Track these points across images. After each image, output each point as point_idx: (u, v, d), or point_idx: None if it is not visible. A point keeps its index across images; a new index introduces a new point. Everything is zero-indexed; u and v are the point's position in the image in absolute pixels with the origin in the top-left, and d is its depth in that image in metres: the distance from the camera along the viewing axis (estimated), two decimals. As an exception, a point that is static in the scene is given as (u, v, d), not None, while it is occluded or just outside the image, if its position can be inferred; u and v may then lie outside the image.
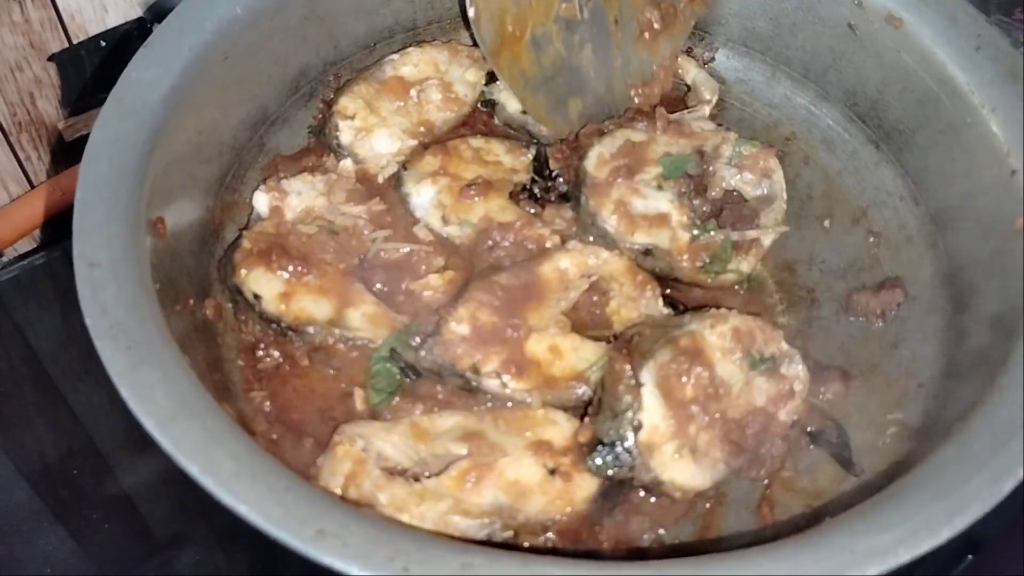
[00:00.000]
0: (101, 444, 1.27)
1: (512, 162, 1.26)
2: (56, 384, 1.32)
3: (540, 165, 1.25)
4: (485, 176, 1.22)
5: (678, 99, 1.38)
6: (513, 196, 1.21)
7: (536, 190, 1.24)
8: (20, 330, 1.38)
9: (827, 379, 1.12)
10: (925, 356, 1.14)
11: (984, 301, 1.10)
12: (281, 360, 1.10)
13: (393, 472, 0.97)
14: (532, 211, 1.20)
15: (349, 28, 1.33)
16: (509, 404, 1.05)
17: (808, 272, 1.25)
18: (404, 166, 1.25)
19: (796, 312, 1.21)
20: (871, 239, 1.26)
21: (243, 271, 1.11)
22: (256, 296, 1.10)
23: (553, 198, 1.24)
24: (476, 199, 1.19)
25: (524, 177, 1.24)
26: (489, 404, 1.06)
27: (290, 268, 1.10)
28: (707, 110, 1.34)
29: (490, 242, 1.16)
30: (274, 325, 1.10)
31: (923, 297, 1.19)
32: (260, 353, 1.10)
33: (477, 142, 1.27)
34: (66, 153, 1.54)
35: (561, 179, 1.25)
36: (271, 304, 1.09)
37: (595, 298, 1.14)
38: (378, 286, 1.13)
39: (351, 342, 1.10)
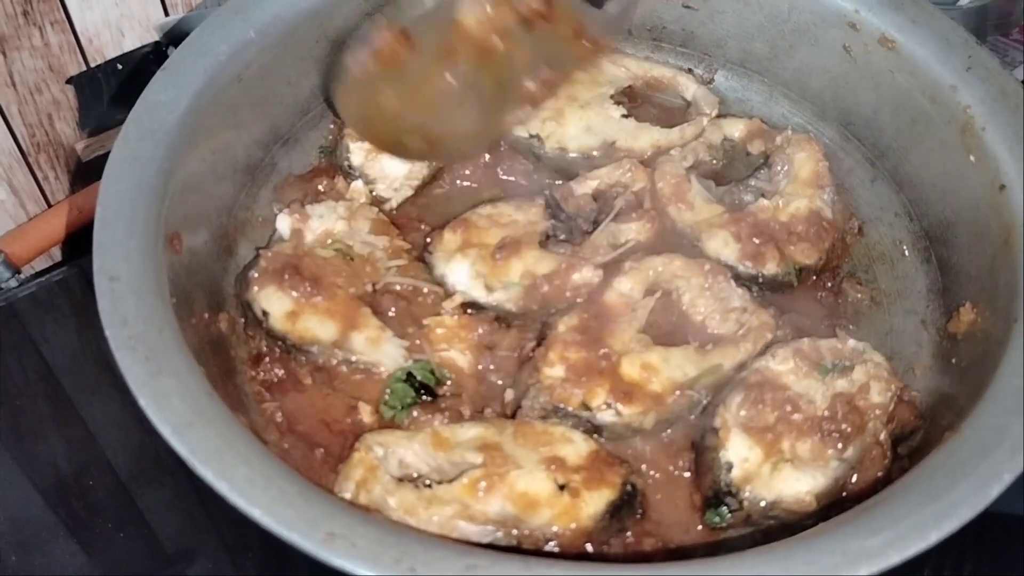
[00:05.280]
0: (114, 457, 1.27)
1: (525, 217, 1.22)
2: (71, 398, 1.33)
3: (554, 209, 1.23)
4: (510, 235, 1.19)
5: (678, 113, 1.39)
6: (543, 245, 1.19)
7: (560, 233, 1.21)
8: (36, 345, 1.38)
9: None
10: (919, 367, 1.16)
11: (975, 313, 1.12)
12: (284, 377, 1.11)
13: (407, 479, 0.99)
14: (566, 252, 1.18)
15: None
16: (629, 436, 1.06)
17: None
18: (427, 250, 1.21)
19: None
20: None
21: (255, 288, 1.12)
22: (264, 312, 1.11)
23: (579, 235, 1.21)
24: (510, 259, 1.16)
25: (545, 225, 1.22)
26: (605, 437, 1.05)
27: (300, 288, 1.11)
28: (705, 121, 1.35)
29: (541, 295, 1.15)
30: (280, 342, 1.11)
31: (918, 310, 1.22)
32: (265, 365, 1.11)
33: (486, 210, 1.23)
34: (82, 173, 1.56)
35: (580, 218, 1.23)
36: (278, 322, 1.11)
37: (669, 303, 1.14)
38: (391, 312, 1.13)
39: (353, 365, 1.11)
